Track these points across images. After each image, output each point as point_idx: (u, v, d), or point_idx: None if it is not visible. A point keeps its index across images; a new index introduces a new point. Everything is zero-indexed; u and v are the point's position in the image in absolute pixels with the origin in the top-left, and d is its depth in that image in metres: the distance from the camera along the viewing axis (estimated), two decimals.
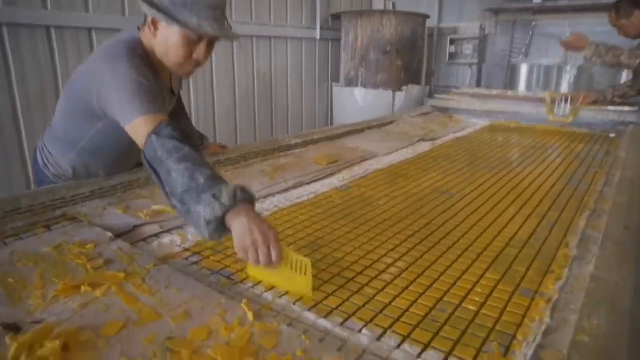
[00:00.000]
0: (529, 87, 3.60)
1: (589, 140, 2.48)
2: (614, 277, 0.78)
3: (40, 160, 1.52)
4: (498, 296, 0.87)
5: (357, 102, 3.86)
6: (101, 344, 0.69)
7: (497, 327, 0.77)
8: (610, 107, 2.79)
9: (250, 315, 0.77)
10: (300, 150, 2.09)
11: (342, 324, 0.78)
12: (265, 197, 1.46)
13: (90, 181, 1.40)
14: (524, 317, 0.79)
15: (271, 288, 0.90)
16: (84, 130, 1.39)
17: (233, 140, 3.58)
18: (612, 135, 2.60)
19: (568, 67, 3.22)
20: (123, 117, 1.16)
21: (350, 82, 3.95)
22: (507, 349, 0.71)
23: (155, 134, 1.02)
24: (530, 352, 0.62)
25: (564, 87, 3.39)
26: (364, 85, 3.85)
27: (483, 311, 0.82)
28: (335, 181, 1.65)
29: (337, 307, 0.83)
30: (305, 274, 0.85)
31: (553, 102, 2.85)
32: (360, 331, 0.76)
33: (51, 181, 1.49)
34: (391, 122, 2.80)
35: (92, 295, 0.83)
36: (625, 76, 3.27)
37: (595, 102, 2.83)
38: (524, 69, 3.63)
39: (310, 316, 0.80)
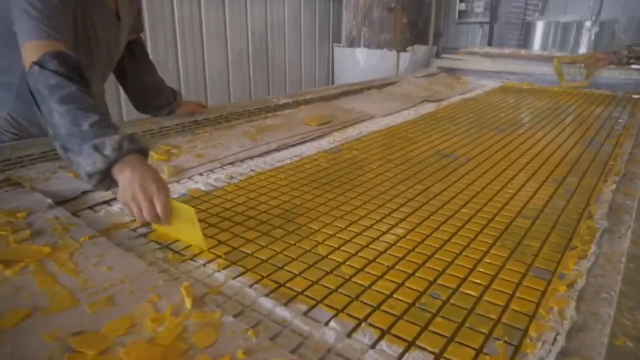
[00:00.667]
0: (544, 47, 3.34)
1: (610, 101, 2.25)
2: None
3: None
4: (505, 278, 0.70)
5: (359, 63, 3.61)
6: None
7: (504, 320, 0.60)
8: (634, 66, 2.54)
9: (187, 303, 0.60)
10: (291, 111, 1.90)
11: (305, 313, 0.62)
12: (242, 160, 1.28)
13: (41, 140, 1.23)
14: (537, 305, 0.62)
15: (226, 267, 0.74)
16: (16, 65, 1.09)
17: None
18: (635, 96, 2.37)
19: (589, 23, 2.94)
20: (18, 37, 0.96)
21: (352, 42, 3.70)
22: (516, 350, 0.54)
23: (38, 64, 0.87)
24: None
25: (583, 47, 3.12)
26: (367, 46, 3.59)
27: (486, 297, 0.65)
28: (325, 143, 1.47)
29: (302, 291, 0.67)
30: (194, 223, 0.77)
31: (562, 68, 2.58)
32: (327, 324, 0.59)
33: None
34: (393, 83, 2.59)
35: (1, 275, 0.67)
36: None
37: (608, 65, 2.54)
38: (539, 27, 3.36)
39: (267, 303, 0.64)
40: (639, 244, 0.63)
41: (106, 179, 0.80)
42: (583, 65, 2.50)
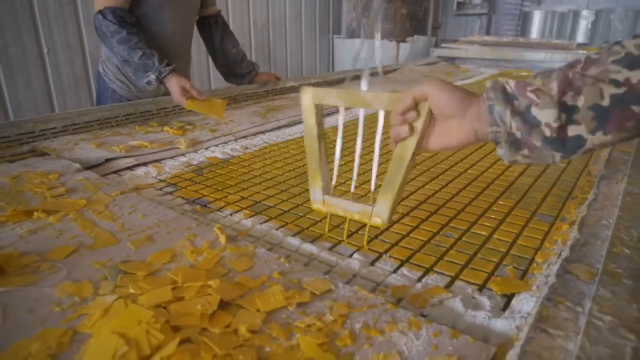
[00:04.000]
0: (542, 36, 3.40)
1: None
2: None
3: (102, 71, 1.59)
4: (512, 222, 0.75)
5: (359, 54, 3.67)
6: (44, 268, 0.59)
7: (512, 252, 0.66)
8: None
9: (222, 239, 0.66)
10: (297, 94, 1.95)
11: (330, 249, 0.67)
12: (255, 134, 1.34)
13: (62, 115, 1.28)
14: (543, 240, 0.68)
15: (251, 216, 0.79)
16: None
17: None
18: None
19: (585, 12, 3.00)
20: None
21: (352, 34, 3.75)
22: (525, 272, 0.60)
23: (101, 14, 1.34)
24: (554, 269, 0.50)
25: (581, 35, 3.18)
26: (367, 37, 3.65)
27: (495, 236, 0.71)
28: (333, 120, 1.52)
29: (324, 233, 0.72)
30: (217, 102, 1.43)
31: None
32: (351, 256, 0.65)
33: (119, 95, 1.59)
34: (394, 70, 2.64)
35: (44, 222, 0.72)
36: None
37: None
38: (536, 17, 3.42)
39: (294, 241, 0.69)
40: (635, 184, 0.69)
41: (159, 88, 1.42)
42: None
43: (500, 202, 0.83)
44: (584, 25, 3.11)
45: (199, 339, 0.44)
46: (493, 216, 0.78)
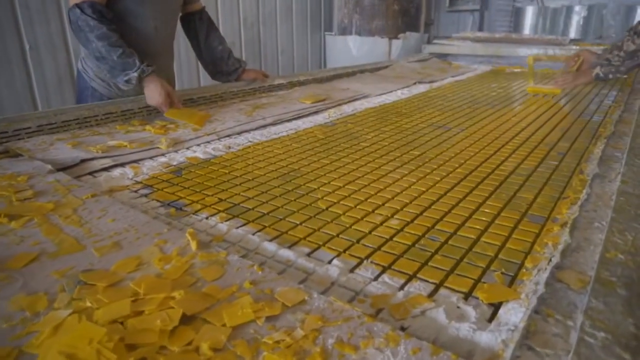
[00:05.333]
0: (534, 32, 3.37)
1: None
2: None
3: (81, 68, 1.54)
4: (501, 223, 0.72)
5: (351, 51, 3.63)
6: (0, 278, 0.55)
7: (501, 256, 0.62)
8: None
9: (193, 245, 0.62)
10: (286, 91, 1.91)
11: (309, 254, 0.63)
12: (239, 133, 1.30)
13: (38, 114, 1.23)
14: (533, 243, 0.64)
15: (228, 219, 0.75)
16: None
17: None
18: (624, 76, 2.40)
19: (578, 7, 2.97)
20: None
21: (344, 31, 3.71)
22: (513, 279, 0.56)
23: (79, 7, 1.28)
24: (544, 276, 0.47)
25: (573, 31, 3.16)
26: (359, 33, 3.61)
27: (483, 239, 0.67)
28: (320, 119, 1.48)
29: (305, 237, 0.68)
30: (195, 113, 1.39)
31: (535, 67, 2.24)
32: (330, 262, 0.61)
33: (100, 94, 1.53)
34: (386, 67, 2.60)
35: (5, 227, 0.68)
36: (639, 12, 3.03)
37: (589, 81, 1.90)
38: (529, 13, 3.39)
39: (271, 246, 0.65)
40: (628, 183, 0.66)
41: (136, 88, 1.35)
42: (564, 67, 2.13)
43: (490, 203, 0.80)
44: (576, 20, 3.09)
45: (156, 358, 0.41)
46: (482, 217, 0.74)
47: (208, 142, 1.21)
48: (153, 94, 1.35)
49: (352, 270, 0.59)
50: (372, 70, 2.49)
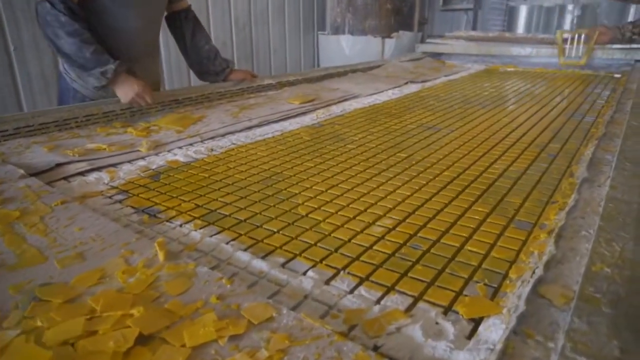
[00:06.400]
0: (528, 30, 3.35)
1: (592, 80, 2.26)
2: (636, 198, 0.60)
3: (63, 69, 1.49)
4: (487, 230, 0.69)
5: (344, 50, 3.59)
6: None
7: (485, 265, 0.59)
8: (617, 45, 2.54)
9: (161, 256, 0.58)
10: (275, 92, 1.88)
11: (283, 265, 0.60)
12: (223, 135, 1.26)
13: (15, 116, 1.19)
14: (519, 252, 0.62)
15: (203, 227, 0.72)
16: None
17: None
18: (617, 75, 2.38)
19: (571, 6, 2.95)
20: None
21: (337, 30, 3.67)
22: (496, 291, 0.53)
23: (49, 1, 1.23)
24: (527, 289, 0.44)
25: (567, 29, 3.13)
26: (351, 33, 3.58)
27: (467, 247, 0.64)
28: (307, 120, 1.45)
29: (281, 246, 0.65)
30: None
31: (565, 42, 2.53)
32: (305, 273, 0.58)
33: (82, 95, 1.48)
34: (378, 66, 2.57)
35: None
36: (633, 13, 3.01)
37: (611, 41, 2.44)
38: (523, 11, 3.37)
39: (244, 256, 0.62)
40: (617, 189, 0.63)
41: (106, 89, 1.32)
42: (585, 38, 2.43)
43: (476, 208, 0.77)
44: (570, 19, 3.07)
45: None
46: (467, 224, 0.71)
47: (191, 144, 1.18)
48: (125, 90, 1.33)
49: (327, 282, 0.56)
50: (364, 70, 2.46)
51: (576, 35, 2.47)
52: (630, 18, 3.01)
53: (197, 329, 0.44)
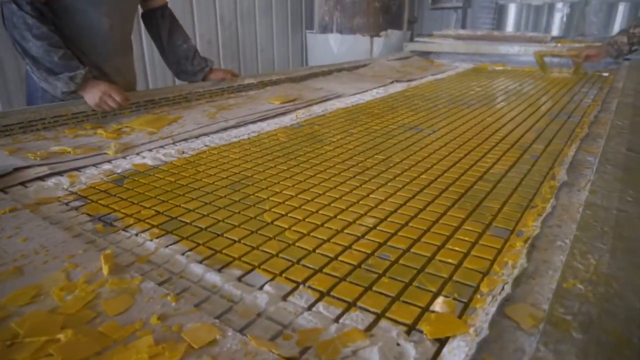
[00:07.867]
0: (517, 29, 3.32)
1: (580, 79, 2.24)
2: (615, 203, 0.56)
3: (30, 69, 1.37)
4: (461, 237, 0.65)
5: (332, 49, 3.55)
6: None
7: (455, 277, 0.55)
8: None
9: (105, 270, 0.54)
10: (256, 92, 1.83)
11: (239, 278, 0.56)
12: (197, 137, 1.22)
13: None
14: (493, 262, 0.58)
15: (160, 236, 0.67)
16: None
17: None
18: (605, 74, 2.36)
19: (560, 5, 2.92)
20: None
21: (325, 28, 3.63)
22: (466, 306, 0.49)
23: (15, 3, 1.18)
24: (493, 309, 0.40)
25: (556, 28, 3.11)
26: (340, 31, 3.53)
27: (439, 257, 0.60)
28: (287, 120, 1.41)
29: (240, 257, 0.61)
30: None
31: (544, 61, 2.41)
32: (261, 288, 0.54)
33: (51, 95, 1.37)
34: (364, 65, 2.53)
35: None
36: (622, 11, 2.99)
37: (603, 58, 2.18)
38: (512, 10, 3.34)
39: (199, 269, 0.57)
40: (597, 193, 0.59)
41: (73, 94, 1.28)
42: (572, 62, 2.30)
43: (451, 214, 0.73)
44: (558, 18, 3.04)
45: None
46: (441, 231, 0.67)
47: (162, 146, 1.13)
48: (93, 93, 1.28)
49: (284, 298, 0.52)
50: (350, 69, 2.42)
51: (557, 58, 2.40)
52: (619, 16, 2.99)
53: (128, 355, 0.40)
